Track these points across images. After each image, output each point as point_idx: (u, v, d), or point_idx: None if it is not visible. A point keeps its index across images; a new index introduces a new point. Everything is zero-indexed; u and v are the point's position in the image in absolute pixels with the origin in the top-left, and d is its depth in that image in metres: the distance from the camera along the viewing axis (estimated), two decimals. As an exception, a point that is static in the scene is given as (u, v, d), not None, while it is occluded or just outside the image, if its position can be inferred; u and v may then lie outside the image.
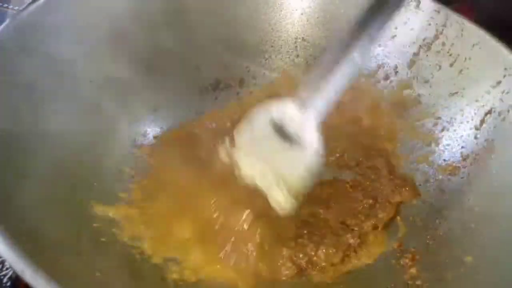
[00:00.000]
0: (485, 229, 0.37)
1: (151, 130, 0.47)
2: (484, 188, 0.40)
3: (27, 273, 0.26)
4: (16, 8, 0.48)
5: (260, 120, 0.39)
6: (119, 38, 0.45)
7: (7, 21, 0.39)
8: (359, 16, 0.35)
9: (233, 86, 0.51)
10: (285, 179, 0.38)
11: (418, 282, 0.37)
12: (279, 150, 0.38)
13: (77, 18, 0.43)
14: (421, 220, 0.42)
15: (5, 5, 0.53)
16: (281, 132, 0.38)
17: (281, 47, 0.52)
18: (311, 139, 0.38)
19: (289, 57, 0.53)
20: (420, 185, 0.45)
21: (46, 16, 0.40)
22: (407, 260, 0.39)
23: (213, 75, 0.50)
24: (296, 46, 0.52)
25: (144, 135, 0.46)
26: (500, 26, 0.42)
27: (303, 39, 0.52)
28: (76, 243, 0.34)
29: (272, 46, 0.52)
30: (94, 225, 0.37)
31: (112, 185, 0.42)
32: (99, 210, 0.39)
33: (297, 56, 0.52)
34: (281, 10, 0.51)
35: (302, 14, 0.51)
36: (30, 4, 0.39)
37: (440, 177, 0.44)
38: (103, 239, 0.37)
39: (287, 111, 0.38)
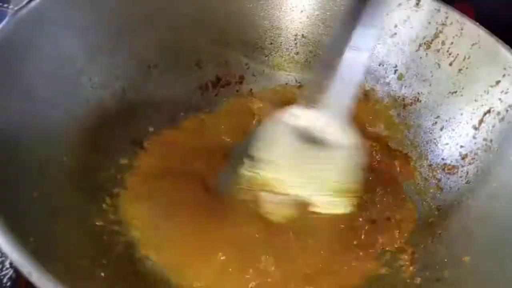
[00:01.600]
0: (484, 229, 0.38)
1: (151, 128, 0.46)
2: (483, 188, 0.40)
3: (34, 276, 0.26)
4: (16, 8, 0.48)
5: (280, 132, 0.37)
6: (118, 37, 0.45)
7: (6, 19, 0.38)
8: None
9: (233, 83, 0.51)
10: (328, 182, 0.36)
11: (417, 281, 0.38)
12: (311, 156, 0.36)
13: (74, 18, 0.42)
14: (419, 218, 0.43)
15: (5, 5, 0.52)
16: (306, 138, 0.36)
17: (281, 44, 0.52)
18: (342, 135, 0.36)
19: (288, 54, 0.52)
20: (418, 184, 0.45)
21: (45, 15, 0.40)
22: (406, 257, 0.40)
23: (214, 72, 0.50)
24: (296, 43, 0.52)
25: (145, 133, 0.46)
26: (500, 26, 0.42)
27: (302, 36, 0.52)
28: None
29: (271, 43, 0.52)
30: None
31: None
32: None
33: (297, 53, 0.52)
34: (281, 8, 0.51)
35: (302, 11, 0.51)
36: (28, 2, 0.39)
37: (439, 176, 0.45)
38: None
39: (306, 116, 0.36)
